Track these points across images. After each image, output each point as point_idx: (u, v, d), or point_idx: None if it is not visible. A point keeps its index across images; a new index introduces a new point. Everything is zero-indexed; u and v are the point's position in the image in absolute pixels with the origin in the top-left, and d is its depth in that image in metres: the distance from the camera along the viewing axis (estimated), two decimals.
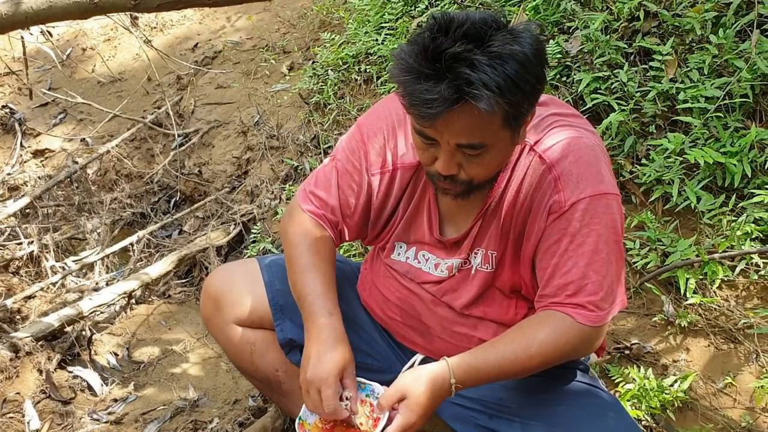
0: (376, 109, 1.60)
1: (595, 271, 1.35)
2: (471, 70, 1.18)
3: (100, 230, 3.37)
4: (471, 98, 1.19)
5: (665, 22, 2.43)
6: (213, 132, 3.69)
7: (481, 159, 1.31)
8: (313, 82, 3.37)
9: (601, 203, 1.35)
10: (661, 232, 2.15)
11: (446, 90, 1.19)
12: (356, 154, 1.57)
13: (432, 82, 1.20)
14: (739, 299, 2.03)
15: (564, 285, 1.36)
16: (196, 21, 4.50)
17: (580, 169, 1.36)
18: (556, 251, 1.37)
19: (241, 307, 1.72)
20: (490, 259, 1.49)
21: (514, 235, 1.45)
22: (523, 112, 1.28)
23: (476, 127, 1.25)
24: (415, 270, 1.58)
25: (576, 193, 1.35)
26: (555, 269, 1.37)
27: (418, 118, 1.26)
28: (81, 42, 4.63)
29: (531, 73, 1.24)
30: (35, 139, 4.09)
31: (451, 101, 1.20)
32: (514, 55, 1.21)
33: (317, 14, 3.89)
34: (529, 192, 1.40)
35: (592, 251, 1.35)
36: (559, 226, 1.36)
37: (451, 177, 1.34)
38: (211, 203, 3.37)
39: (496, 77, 1.19)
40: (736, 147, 2.12)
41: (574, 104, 2.48)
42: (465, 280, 1.53)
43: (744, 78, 2.16)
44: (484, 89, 1.18)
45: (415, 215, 1.56)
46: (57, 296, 2.91)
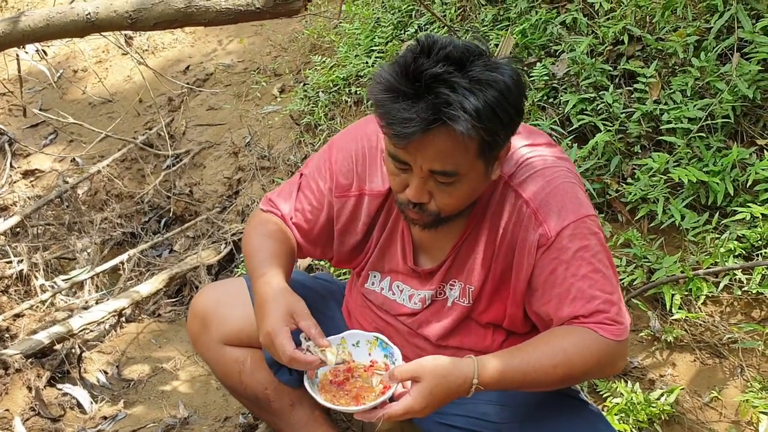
0: (351, 130, 1.60)
1: (600, 290, 1.34)
2: (450, 91, 1.19)
3: (89, 250, 3.37)
4: (448, 119, 1.19)
5: (649, 46, 2.50)
6: (204, 153, 3.72)
7: (452, 189, 1.30)
8: (304, 103, 3.42)
9: (585, 225, 1.37)
10: (647, 249, 2.19)
11: (424, 110, 1.19)
12: (322, 173, 1.58)
13: (410, 101, 1.20)
14: (724, 315, 2.07)
15: (574, 312, 1.35)
16: (188, 44, 4.55)
17: (557, 199, 1.37)
18: (555, 281, 1.36)
19: (229, 326, 1.71)
20: (467, 293, 1.49)
21: (496, 271, 1.44)
22: (498, 143, 1.28)
23: (451, 153, 1.24)
24: (389, 302, 1.58)
25: (559, 222, 1.35)
26: (560, 299, 1.36)
27: (394, 137, 1.24)
28: (72, 63, 4.66)
29: (510, 103, 1.25)
30: (25, 159, 4.10)
31: (428, 121, 1.19)
32: (495, 82, 1.22)
33: (308, 38, 3.95)
34: (509, 227, 1.40)
35: (592, 271, 1.35)
36: (550, 256, 1.36)
37: (420, 206, 1.33)
38: (202, 223, 3.39)
39: (475, 102, 1.19)
40: (718, 166, 2.17)
41: (561, 125, 2.54)
42: (440, 311, 1.53)
43: (725, 100, 2.22)
44: (462, 112, 1.19)
45: (388, 244, 1.55)
46: (46, 314, 2.90)
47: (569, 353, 1.31)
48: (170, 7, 1.95)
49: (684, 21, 2.46)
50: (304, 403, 1.76)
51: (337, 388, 1.40)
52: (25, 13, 2.06)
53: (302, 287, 1.80)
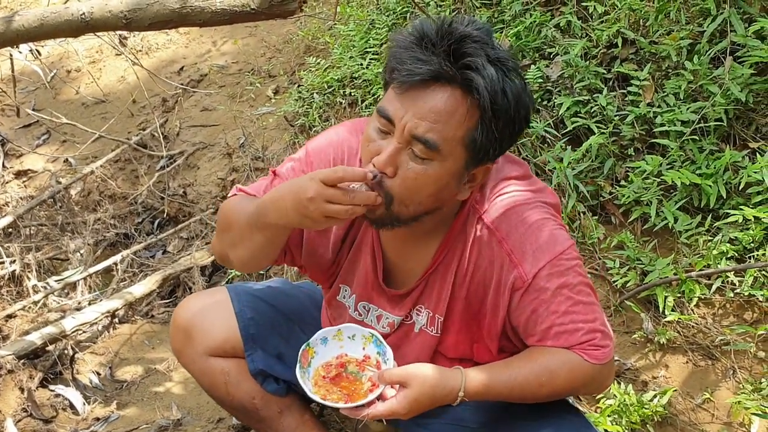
0: (328, 134, 1.53)
1: (582, 320, 1.34)
2: (476, 54, 1.18)
3: (82, 250, 3.36)
4: (470, 75, 1.17)
5: (642, 49, 2.51)
6: (198, 154, 3.71)
7: (423, 169, 1.23)
8: (299, 105, 3.42)
9: (560, 263, 1.34)
10: (640, 251, 2.20)
11: (443, 59, 1.17)
12: (297, 173, 1.49)
13: (429, 52, 1.19)
14: (716, 317, 2.08)
15: (560, 345, 1.35)
16: (182, 45, 4.54)
17: (532, 239, 1.34)
18: (537, 320, 1.35)
19: (212, 338, 1.68)
20: (436, 323, 1.47)
21: (464, 305, 1.43)
22: (487, 149, 1.25)
23: (443, 118, 1.20)
24: (356, 323, 1.54)
25: (535, 264, 1.33)
26: (544, 334, 1.36)
27: (400, 76, 1.19)
28: (66, 64, 4.64)
29: (520, 107, 1.23)
30: (18, 159, 4.08)
31: (442, 70, 1.17)
32: (514, 78, 1.22)
33: (303, 39, 3.95)
34: (481, 264, 1.38)
35: (572, 305, 1.34)
36: (529, 298, 1.35)
37: (381, 180, 1.24)
38: (196, 224, 3.38)
39: (497, 79, 1.18)
40: (711, 169, 2.18)
41: (555, 127, 2.54)
42: (408, 337, 1.51)
43: (718, 103, 2.23)
44: (480, 78, 1.17)
45: (357, 257, 1.51)
46: (39, 315, 2.89)
47: (555, 374, 1.34)
48: (165, 7, 1.94)
49: (677, 24, 2.48)
50: (292, 408, 1.76)
51: (329, 383, 1.41)
52: (18, 13, 2.06)
53: (285, 296, 1.80)
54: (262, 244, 1.42)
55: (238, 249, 1.48)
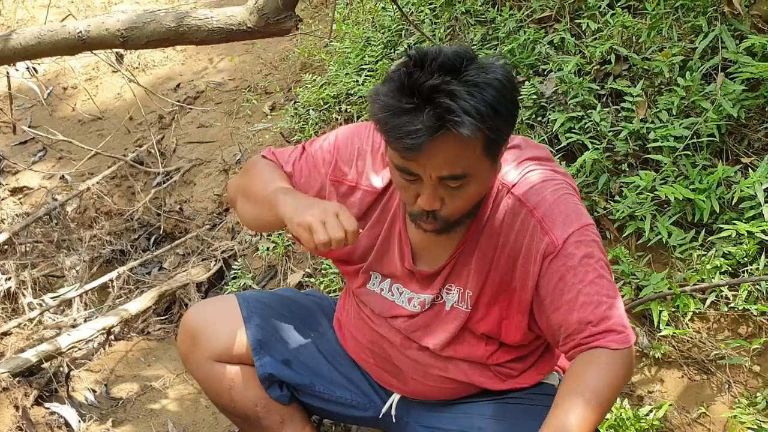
0: (357, 126, 1.62)
1: (606, 295, 1.37)
2: (450, 99, 1.21)
3: (78, 267, 3.36)
4: (453, 125, 1.21)
5: (635, 66, 2.53)
6: (194, 170, 3.72)
7: (463, 191, 1.33)
8: (295, 121, 3.44)
9: (588, 232, 1.41)
10: (635, 266, 2.21)
11: (428, 119, 1.21)
12: (323, 154, 1.59)
13: (412, 114, 1.22)
14: (711, 331, 2.09)
15: (584, 317, 1.36)
16: (179, 62, 4.56)
17: (561, 208, 1.40)
18: (564, 288, 1.38)
19: (219, 343, 1.72)
20: (467, 298, 1.50)
21: (495, 278, 1.46)
22: (502, 137, 1.32)
23: (458, 156, 1.27)
24: (388, 303, 1.58)
25: (565, 230, 1.38)
26: (570, 305, 1.37)
27: (402, 150, 1.26)
28: (62, 81, 4.66)
29: (507, 98, 1.28)
30: (14, 176, 4.09)
31: (434, 129, 1.21)
32: (490, 82, 1.25)
33: (299, 56, 3.98)
34: (511, 235, 1.42)
35: (597, 276, 1.37)
36: (558, 263, 1.38)
37: (434, 214, 1.35)
38: (192, 240, 3.38)
39: (476, 104, 1.22)
40: (704, 184, 2.20)
41: (549, 143, 2.56)
42: (438, 316, 1.54)
43: (710, 118, 2.25)
44: (465, 116, 1.21)
45: (386, 247, 1.56)
46: (34, 333, 2.88)
47: (599, 390, 1.30)
48: (162, 25, 1.96)
49: (669, 41, 2.50)
50: (294, 419, 1.77)
51: None
52: (16, 31, 2.07)
53: (293, 303, 1.82)
54: (269, 221, 1.53)
55: (247, 207, 1.62)
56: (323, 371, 1.73)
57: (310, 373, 1.73)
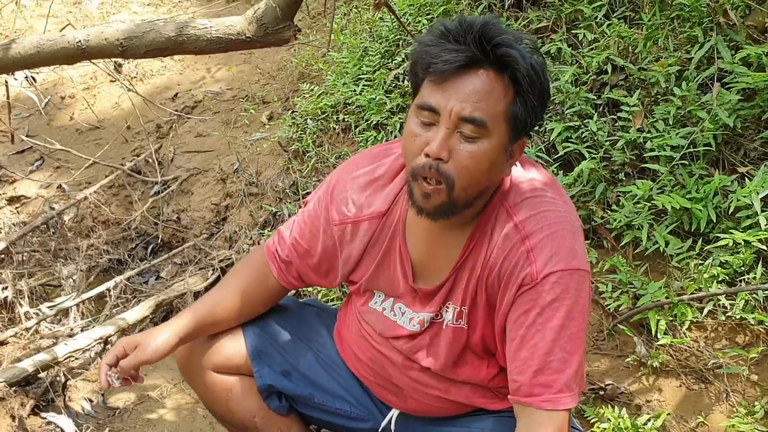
0: (350, 162, 1.63)
1: (561, 348, 1.33)
2: (510, 39, 1.27)
3: (75, 276, 3.35)
4: (507, 51, 1.25)
5: (632, 76, 2.55)
6: (192, 179, 3.73)
7: (475, 148, 1.28)
8: (293, 130, 3.44)
9: (573, 278, 1.34)
10: (632, 275, 2.22)
11: (474, 46, 1.25)
12: (321, 204, 1.60)
13: (459, 43, 1.27)
14: (708, 340, 2.09)
15: (529, 359, 1.35)
16: (177, 72, 4.57)
17: (553, 243, 1.35)
18: (524, 322, 1.36)
19: (217, 354, 1.71)
20: (463, 316, 1.48)
21: (483, 298, 1.45)
22: (525, 120, 1.31)
23: (486, 98, 1.27)
24: (389, 323, 1.57)
25: (549, 266, 1.34)
26: (522, 341, 1.36)
27: (438, 67, 1.26)
28: (60, 90, 4.67)
29: (545, 82, 1.31)
30: (11, 185, 4.08)
31: (476, 55, 1.25)
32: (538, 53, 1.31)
33: (296, 66, 3.99)
34: (499, 259, 1.39)
35: (560, 327, 1.33)
36: (529, 296, 1.35)
37: (438, 166, 1.29)
38: (189, 249, 3.37)
39: (527, 54, 1.27)
40: (701, 193, 2.21)
41: (547, 152, 2.57)
42: (438, 335, 1.52)
43: (707, 128, 2.26)
44: (519, 58, 1.26)
45: (386, 263, 1.55)
46: (31, 342, 2.87)
47: None
48: (161, 35, 1.96)
49: (665, 51, 2.52)
50: (293, 429, 1.77)
51: None
52: (16, 41, 2.08)
53: (292, 313, 1.81)
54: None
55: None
56: (322, 382, 1.72)
57: (309, 384, 1.72)
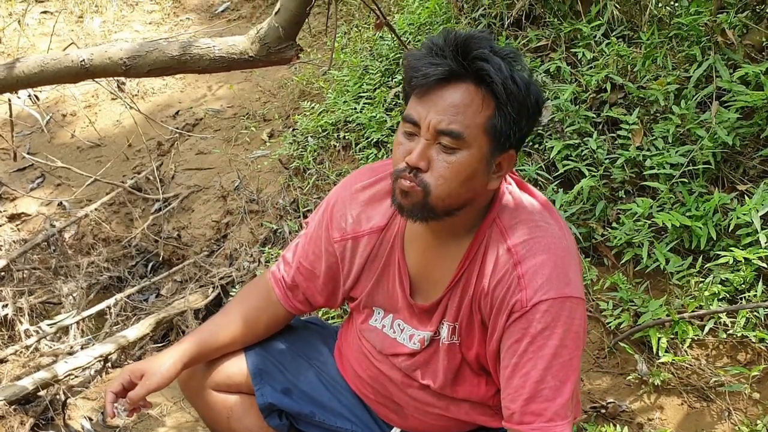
0: (347, 180, 1.65)
1: (553, 376, 1.33)
2: (484, 54, 1.28)
3: (75, 294, 3.34)
4: (481, 65, 1.27)
5: (631, 94, 2.56)
6: (193, 197, 3.73)
7: (452, 159, 1.30)
8: (293, 148, 3.46)
9: (564, 307, 1.33)
10: (633, 292, 2.22)
11: (452, 61, 1.29)
12: (321, 224, 1.62)
13: (441, 56, 1.30)
14: (710, 358, 2.09)
15: (521, 387, 1.35)
16: (178, 89, 4.59)
17: (546, 270, 1.34)
18: (516, 351, 1.36)
19: (218, 373, 1.71)
20: (456, 332, 1.48)
21: (477, 318, 1.45)
22: (507, 133, 1.32)
23: (462, 110, 1.29)
24: (389, 341, 1.57)
25: (539, 294, 1.33)
26: (514, 369, 1.36)
27: (418, 80, 1.30)
28: (62, 108, 4.68)
29: (530, 97, 1.32)
30: (11, 203, 4.09)
31: (453, 69, 1.28)
32: (523, 68, 1.32)
33: (297, 84, 4.01)
34: (492, 282, 1.39)
35: (552, 355, 1.33)
36: (520, 325, 1.35)
37: (416, 173, 1.32)
38: (190, 267, 3.37)
39: (504, 65, 1.29)
40: (701, 211, 2.22)
41: (546, 170, 2.58)
42: (437, 353, 1.52)
43: (706, 146, 2.28)
44: (492, 71, 1.27)
45: (385, 278, 1.56)
46: (30, 360, 2.86)
47: None
48: (164, 54, 1.98)
49: (664, 70, 2.54)
50: None
51: None
52: (19, 60, 2.09)
53: (293, 331, 1.81)
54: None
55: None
56: (323, 400, 1.72)
57: (310, 402, 1.72)
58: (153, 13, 5.50)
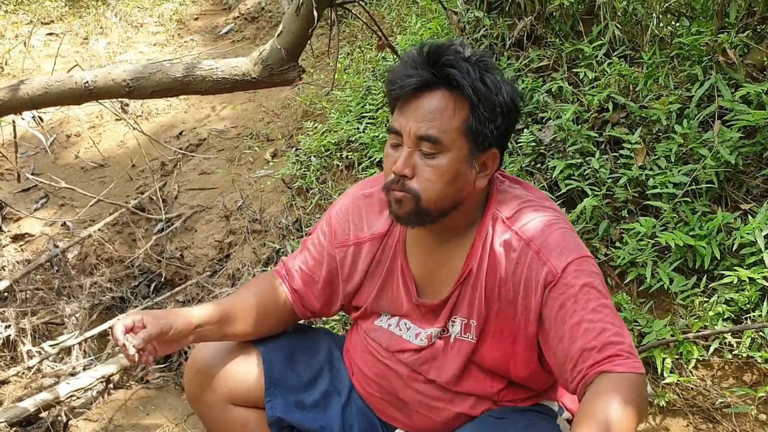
0: (348, 191, 1.70)
1: (610, 323, 1.34)
2: (454, 61, 1.36)
3: (78, 314, 3.34)
4: (449, 72, 1.34)
5: (633, 113, 2.57)
6: (196, 216, 3.74)
7: (435, 164, 1.38)
8: (296, 168, 3.47)
9: (588, 263, 1.40)
10: (637, 312, 2.20)
11: (424, 72, 1.37)
12: (323, 230, 1.67)
13: (416, 65, 1.38)
14: (715, 378, 2.07)
15: (587, 344, 1.31)
16: (182, 110, 4.62)
17: (557, 240, 1.41)
18: (566, 316, 1.35)
19: (235, 384, 1.65)
20: (471, 329, 1.50)
21: (498, 309, 1.46)
22: (484, 133, 1.38)
23: (438, 115, 1.36)
24: (395, 338, 1.59)
25: (563, 259, 1.39)
26: (572, 333, 1.34)
27: (395, 91, 1.39)
28: (66, 129, 4.71)
29: (504, 96, 1.39)
30: (15, 223, 4.10)
31: (427, 78, 1.36)
32: (493, 71, 1.39)
33: (300, 104, 4.03)
34: (510, 267, 1.42)
35: (600, 305, 1.35)
36: (558, 292, 1.37)
37: (403, 182, 1.40)
38: (192, 287, 3.37)
39: (474, 74, 1.35)
40: (704, 230, 2.21)
41: (549, 190, 2.58)
42: (444, 349, 1.53)
43: (708, 165, 2.27)
44: (460, 74, 1.34)
45: (390, 284, 1.58)
46: (32, 381, 2.85)
47: (611, 422, 1.19)
48: (168, 76, 1.99)
49: (666, 89, 2.54)
50: None
51: None
52: (24, 81, 2.10)
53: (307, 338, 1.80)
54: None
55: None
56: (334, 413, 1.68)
57: (320, 415, 1.68)
58: (157, 34, 5.55)
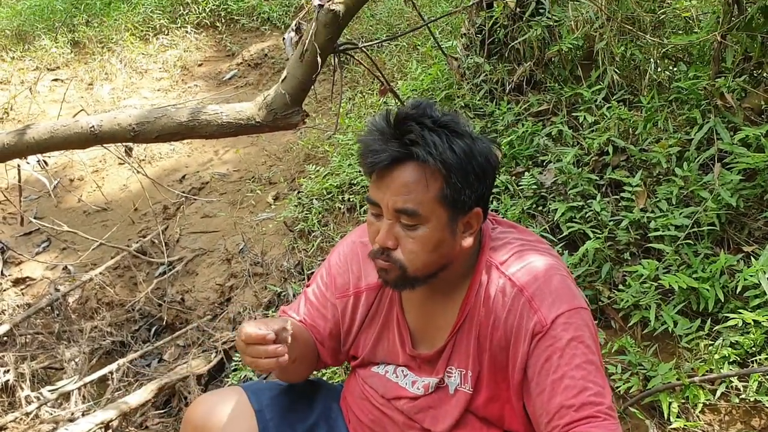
0: (346, 237, 1.68)
1: (592, 381, 1.33)
2: (420, 130, 1.34)
3: (78, 359, 3.32)
4: (414, 152, 1.32)
5: (633, 156, 2.59)
6: (197, 260, 3.74)
7: (417, 235, 1.37)
8: (298, 210, 3.48)
9: (579, 316, 1.37)
10: (642, 356, 2.19)
11: (394, 145, 1.34)
12: (324, 280, 1.65)
13: (384, 138, 1.36)
14: (723, 423, 2.04)
15: (566, 401, 1.32)
16: (185, 154, 4.66)
17: (551, 288, 1.39)
18: (549, 370, 1.35)
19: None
20: (468, 379, 1.48)
21: (489, 358, 1.45)
22: (461, 199, 1.37)
23: (413, 189, 1.35)
24: (391, 384, 1.57)
25: (554, 310, 1.37)
26: (553, 388, 1.34)
27: (366, 167, 1.38)
28: (69, 172, 4.74)
29: (475, 160, 1.36)
30: (17, 267, 4.09)
31: (396, 153, 1.34)
32: (463, 135, 1.36)
33: (303, 148, 4.06)
34: (502, 315, 1.41)
35: (585, 362, 1.34)
36: (545, 344, 1.36)
37: (388, 253, 1.39)
38: (193, 331, 3.35)
39: (440, 141, 1.34)
40: (707, 273, 2.20)
41: (551, 232, 2.58)
42: (443, 400, 1.52)
43: (710, 208, 2.28)
44: (427, 146, 1.32)
45: (385, 335, 1.57)
46: (30, 427, 2.82)
47: None
48: (173, 120, 2.01)
49: (665, 133, 2.57)
50: None
51: None
52: (30, 126, 2.13)
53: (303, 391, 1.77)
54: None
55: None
56: None
57: None
58: (162, 80, 5.63)
